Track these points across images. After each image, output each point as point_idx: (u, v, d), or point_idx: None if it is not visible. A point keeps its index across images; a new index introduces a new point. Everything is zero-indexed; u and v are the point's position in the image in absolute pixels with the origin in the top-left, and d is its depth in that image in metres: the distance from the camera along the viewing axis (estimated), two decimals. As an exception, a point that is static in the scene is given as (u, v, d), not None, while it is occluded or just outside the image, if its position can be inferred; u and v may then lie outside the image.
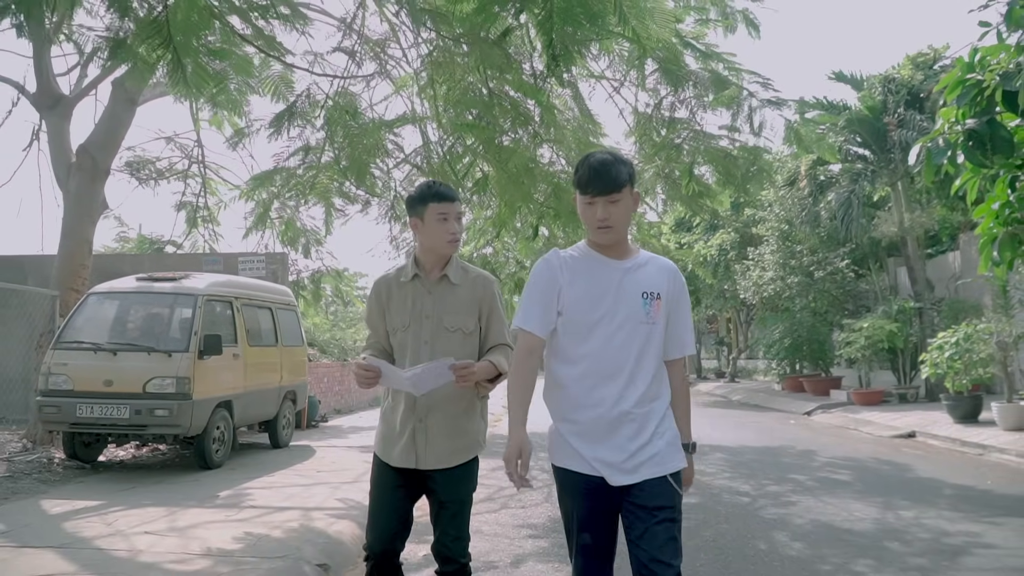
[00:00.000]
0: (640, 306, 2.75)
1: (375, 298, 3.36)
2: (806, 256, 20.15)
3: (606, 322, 2.74)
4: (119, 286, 9.52)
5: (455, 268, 3.30)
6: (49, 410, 8.52)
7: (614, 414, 2.69)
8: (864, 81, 18.57)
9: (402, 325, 3.25)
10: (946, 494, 7.82)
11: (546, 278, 2.80)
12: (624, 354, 2.72)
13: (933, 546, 5.64)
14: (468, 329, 3.25)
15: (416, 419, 3.19)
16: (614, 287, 2.76)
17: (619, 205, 2.72)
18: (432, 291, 3.25)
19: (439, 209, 3.19)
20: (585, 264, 2.80)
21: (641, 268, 2.82)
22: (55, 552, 5.20)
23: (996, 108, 7.52)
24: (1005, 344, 12.35)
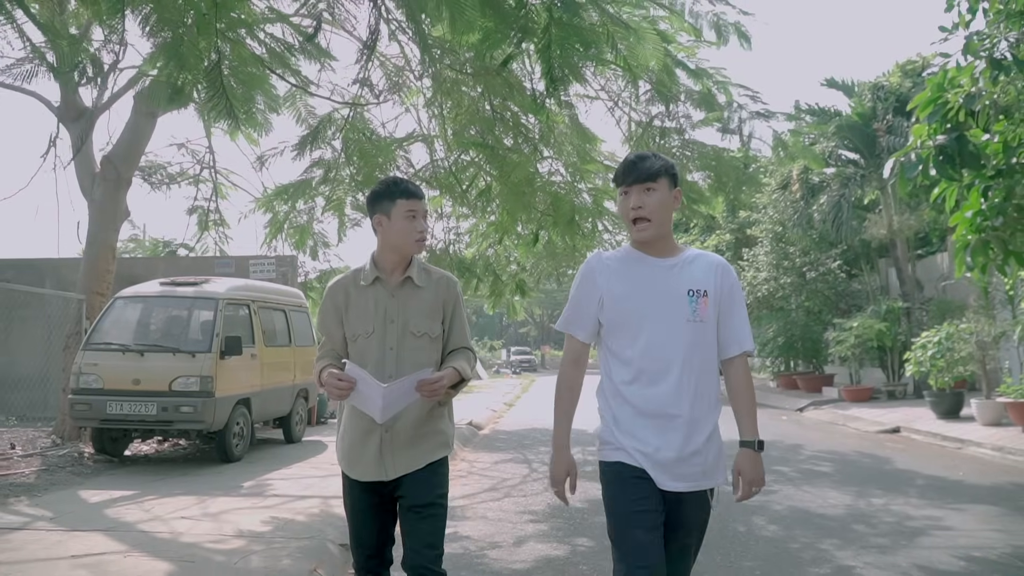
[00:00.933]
0: (686, 304, 2.68)
1: (331, 303, 3.15)
2: (799, 257, 20.75)
3: (651, 322, 2.68)
4: (144, 290, 10.11)
5: (418, 270, 3.14)
6: (81, 407, 9.11)
7: (664, 416, 2.65)
8: (855, 87, 19.16)
9: (364, 331, 3.06)
10: (918, 484, 8.40)
11: (587, 282, 2.79)
12: (671, 354, 2.66)
13: (896, 528, 6.22)
14: (434, 333, 3.10)
15: (383, 429, 3.02)
16: (657, 286, 2.71)
17: (654, 195, 2.69)
18: (395, 294, 3.08)
19: (408, 206, 3.03)
20: (626, 265, 2.77)
21: (687, 265, 2.75)
22: (103, 535, 5.78)
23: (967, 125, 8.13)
24: (984, 343, 12.93)
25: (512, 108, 8.28)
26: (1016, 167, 8.33)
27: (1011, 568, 5.10)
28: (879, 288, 20.64)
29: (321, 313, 3.21)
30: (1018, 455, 10.23)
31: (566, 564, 5.34)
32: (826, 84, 19.57)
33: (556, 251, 12.28)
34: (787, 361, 23.03)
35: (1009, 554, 5.42)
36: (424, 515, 2.98)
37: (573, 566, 5.27)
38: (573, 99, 8.18)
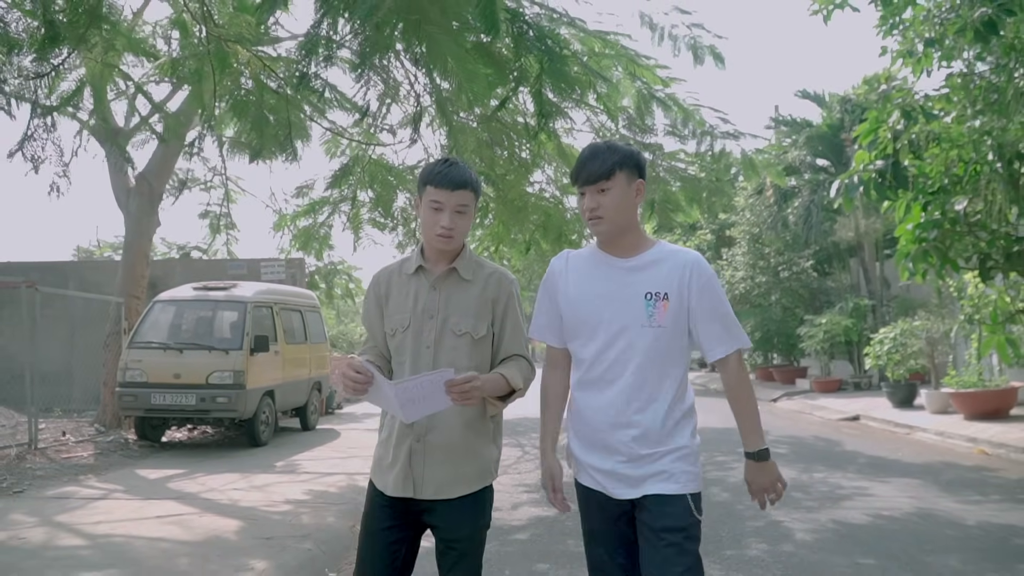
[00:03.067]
0: (642, 308, 2.53)
1: (372, 293, 2.84)
2: (773, 257, 22.09)
3: (605, 326, 2.56)
4: (179, 295, 11.34)
5: (467, 262, 2.76)
6: (128, 398, 10.34)
7: (614, 422, 2.54)
8: (826, 99, 20.47)
9: (401, 325, 2.72)
10: (859, 462, 9.71)
11: (548, 284, 2.70)
12: (625, 360, 2.53)
13: (826, 495, 7.52)
14: (478, 334, 2.70)
15: (414, 438, 2.68)
16: (614, 288, 2.57)
17: (609, 194, 2.53)
18: (438, 287, 2.72)
19: (433, 196, 2.64)
20: (588, 265, 2.65)
21: (649, 266, 2.58)
22: (173, 501, 7.03)
23: (904, 151, 9.39)
24: (933, 339, 14.27)
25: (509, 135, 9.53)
26: (949, 187, 9.64)
27: (907, 522, 6.39)
28: (850, 286, 22.02)
29: (364, 306, 2.89)
30: (956, 439, 11.55)
31: (554, 522, 6.60)
32: (800, 95, 20.90)
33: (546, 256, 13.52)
34: (765, 354, 24.40)
35: (911, 513, 6.71)
36: (458, 552, 2.66)
37: (560, 523, 6.52)
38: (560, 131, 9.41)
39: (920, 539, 5.81)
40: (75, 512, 6.61)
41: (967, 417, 12.63)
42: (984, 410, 12.48)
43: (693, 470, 2.56)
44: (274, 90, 5.97)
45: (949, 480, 8.37)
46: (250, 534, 5.79)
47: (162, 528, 5.98)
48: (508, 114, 9.15)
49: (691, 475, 2.55)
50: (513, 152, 9.40)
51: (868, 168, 9.54)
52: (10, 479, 8.01)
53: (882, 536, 5.93)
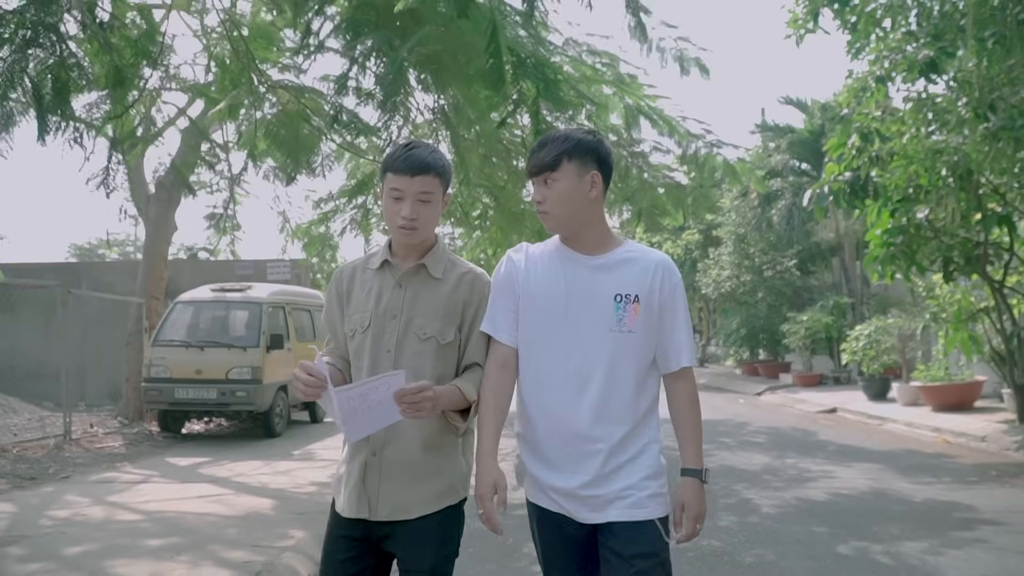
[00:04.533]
0: (611, 310, 2.32)
1: (334, 290, 2.57)
2: (758, 257, 22.98)
3: (568, 329, 2.33)
4: (199, 296, 12.12)
5: (438, 258, 2.50)
6: (153, 393, 11.13)
7: (578, 437, 2.31)
8: (808, 105, 21.35)
9: (361, 325, 2.45)
10: (829, 450, 10.57)
11: (505, 277, 2.43)
12: (590, 368, 2.31)
13: (794, 477, 8.37)
14: (445, 339, 2.44)
15: (369, 451, 2.41)
16: (579, 287, 2.35)
17: (555, 186, 2.32)
18: (404, 284, 2.46)
19: (393, 183, 2.37)
20: (548, 259, 2.41)
21: (619, 265, 2.37)
22: (209, 484, 7.83)
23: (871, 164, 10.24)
24: (904, 336, 15.16)
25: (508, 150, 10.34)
26: (913, 196, 10.51)
27: (862, 499, 7.24)
28: (832, 284, 22.93)
29: (325, 303, 2.62)
30: (922, 429, 12.42)
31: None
32: (783, 102, 21.77)
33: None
34: (751, 350, 25.30)
35: (867, 492, 7.57)
36: None
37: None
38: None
39: (870, 512, 6.66)
40: (123, 494, 7.42)
41: (934, 409, 13.51)
42: (950, 402, 13.35)
43: (662, 492, 2.36)
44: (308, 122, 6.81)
45: (908, 465, 9.22)
46: (285, 510, 6.60)
47: (206, 506, 6.78)
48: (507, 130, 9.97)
49: (661, 498, 2.35)
50: (511, 165, 10.20)
51: (837, 179, 10.41)
52: (54, 467, 8.79)
53: (837, 510, 6.78)
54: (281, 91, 6.66)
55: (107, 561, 5.04)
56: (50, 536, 5.73)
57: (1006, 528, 6.15)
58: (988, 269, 11.49)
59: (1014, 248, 11.25)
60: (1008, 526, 6.21)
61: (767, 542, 5.73)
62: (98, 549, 5.34)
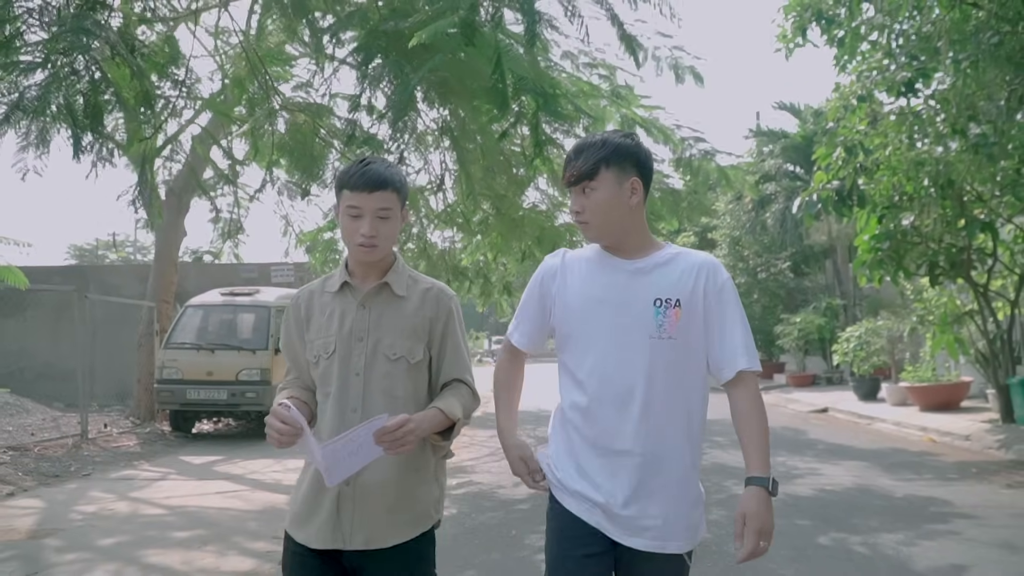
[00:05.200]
0: (651, 316, 2.21)
1: (292, 316, 2.48)
2: (752, 259, 23.40)
3: (606, 337, 2.24)
4: (208, 300, 12.52)
5: (400, 275, 2.44)
6: (165, 394, 11.52)
7: (614, 453, 2.20)
8: (801, 111, 21.77)
9: (325, 351, 2.36)
10: (818, 448, 10.97)
11: (538, 284, 2.39)
12: (629, 378, 2.20)
13: (782, 475, 8.76)
14: (415, 357, 2.38)
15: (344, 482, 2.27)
16: (618, 293, 2.25)
17: (594, 195, 2.24)
18: (367, 305, 2.39)
19: (350, 201, 2.32)
20: (587, 265, 2.33)
21: (658, 268, 2.27)
22: (225, 481, 8.22)
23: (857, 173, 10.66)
24: (894, 338, 15.57)
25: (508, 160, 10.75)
26: (899, 203, 10.93)
27: (845, 495, 7.64)
28: (825, 286, 23.35)
29: (283, 331, 2.52)
30: (909, 428, 12.83)
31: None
32: (777, 107, 22.22)
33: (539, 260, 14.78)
34: (745, 351, 25.72)
35: (850, 488, 7.97)
36: None
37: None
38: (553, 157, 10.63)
39: (851, 507, 7.07)
40: (144, 490, 7.81)
41: (922, 409, 13.92)
42: (937, 402, 13.77)
43: (700, 524, 2.28)
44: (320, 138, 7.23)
45: (893, 463, 9.62)
46: (299, 505, 7.00)
47: (224, 501, 7.17)
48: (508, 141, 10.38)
49: (694, 530, 2.25)
50: (511, 174, 10.59)
51: (825, 187, 10.82)
52: (75, 465, 9.18)
53: (821, 505, 7.18)
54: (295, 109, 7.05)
55: (140, 551, 5.43)
56: (82, 529, 6.12)
57: (978, 521, 6.54)
58: (972, 273, 11.92)
59: (997, 253, 11.68)
60: (981, 519, 6.60)
61: (753, 534, 6.12)
62: (129, 540, 5.74)
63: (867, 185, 10.67)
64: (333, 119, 7.61)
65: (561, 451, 2.31)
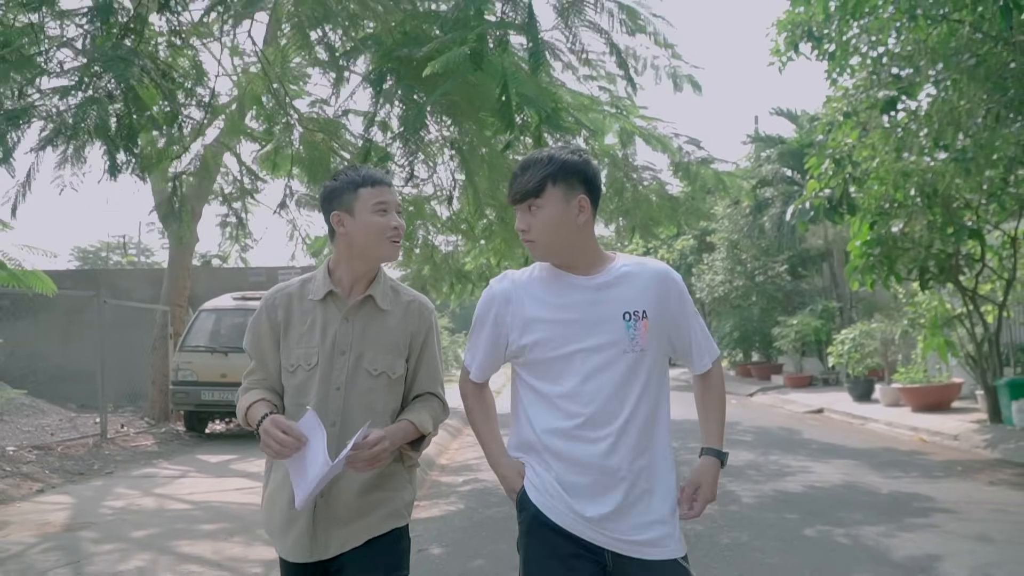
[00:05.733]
0: (623, 331, 2.19)
1: (266, 317, 2.41)
2: (750, 262, 23.82)
3: (581, 356, 2.19)
4: (221, 304, 12.91)
5: (384, 288, 2.41)
6: (180, 395, 11.93)
7: (593, 468, 2.17)
8: (798, 116, 22.16)
9: (306, 362, 2.33)
10: (811, 448, 11.36)
11: (490, 313, 2.30)
12: (608, 395, 2.17)
13: (775, 472, 9.17)
14: (395, 372, 2.38)
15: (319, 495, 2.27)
16: (584, 310, 2.20)
17: (540, 213, 2.19)
18: (351, 317, 2.35)
19: (376, 197, 2.29)
20: (542, 285, 2.27)
21: (620, 282, 2.24)
22: (244, 478, 8.61)
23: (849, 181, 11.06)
24: (887, 340, 15.97)
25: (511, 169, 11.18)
26: (888, 211, 11.34)
27: (833, 491, 8.03)
28: (822, 288, 23.75)
29: (252, 330, 2.46)
30: (901, 428, 13.22)
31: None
32: (774, 112, 22.62)
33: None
34: (744, 352, 26.15)
35: (839, 485, 8.36)
36: None
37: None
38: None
39: (839, 502, 7.46)
40: (167, 487, 8.20)
41: (914, 409, 14.31)
42: (928, 403, 14.16)
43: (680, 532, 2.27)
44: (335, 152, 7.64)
45: (882, 461, 10.01)
46: (316, 501, 7.39)
47: (245, 496, 7.57)
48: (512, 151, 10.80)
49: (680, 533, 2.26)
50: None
51: (818, 195, 11.22)
52: (97, 463, 9.58)
53: (809, 500, 7.58)
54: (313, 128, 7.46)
55: (171, 542, 5.83)
56: (114, 522, 6.52)
57: (958, 516, 6.93)
58: (961, 278, 12.33)
59: (985, 259, 12.08)
60: (960, 514, 6.99)
61: (742, 527, 6.52)
62: (160, 532, 6.14)
63: (858, 193, 11.07)
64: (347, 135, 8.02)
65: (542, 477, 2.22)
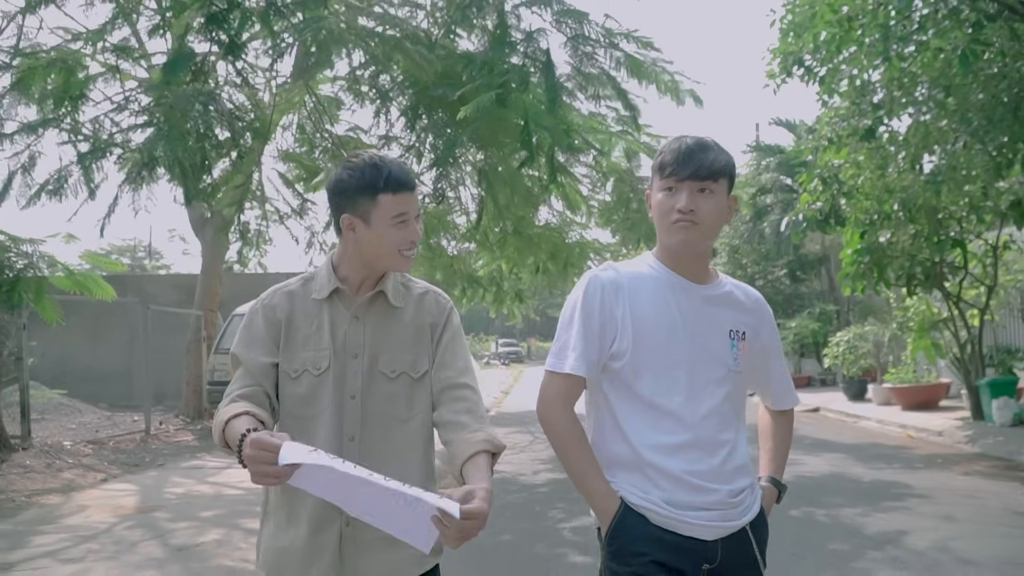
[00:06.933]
0: (727, 348, 2.06)
1: (263, 317, 2.05)
2: (750, 267, 24.67)
3: (690, 369, 2.02)
4: (252, 309, 13.80)
5: (394, 283, 2.09)
6: (216, 394, 12.80)
7: (706, 490, 2.00)
8: (796, 126, 23.00)
9: (315, 366, 2.00)
10: (805, 443, 12.17)
11: (597, 302, 2.03)
12: (717, 415, 2.04)
13: (768, 464, 9.99)
14: (418, 371, 2.05)
15: (343, 519, 1.95)
16: (699, 321, 2.04)
17: (710, 200, 1.98)
18: (362, 316, 2.05)
19: (398, 207, 1.95)
20: (653, 284, 2.05)
21: (726, 298, 2.11)
22: (283, 470, 9.46)
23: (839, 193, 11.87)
24: (879, 342, 16.81)
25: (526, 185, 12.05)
26: (875, 222, 12.17)
27: (820, 480, 8.87)
28: (820, 292, 24.59)
29: (245, 331, 2.07)
30: (891, 425, 14.04)
31: (569, 484, 9.06)
32: (774, 123, 23.48)
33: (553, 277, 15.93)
34: (745, 354, 26.98)
35: (826, 475, 9.20)
36: None
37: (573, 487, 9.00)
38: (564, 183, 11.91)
39: (823, 488, 8.30)
40: (216, 476, 9.07)
41: (904, 408, 15.15)
42: (917, 402, 15.00)
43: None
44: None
45: (869, 455, 10.84)
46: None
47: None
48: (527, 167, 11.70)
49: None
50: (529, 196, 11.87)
51: (810, 208, 12.07)
52: (148, 456, 10.46)
53: (797, 487, 8.39)
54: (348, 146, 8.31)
55: (237, 520, 6.70)
56: (180, 505, 7.39)
57: (930, 500, 7.75)
58: (946, 285, 13.16)
59: (968, 267, 12.92)
60: (932, 499, 7.82)
61: (737, 508, 7.36)
62: (225, 513, 7.00)
63: (847, 206, 11.91)
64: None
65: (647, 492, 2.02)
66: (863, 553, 5.79)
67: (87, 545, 6.01)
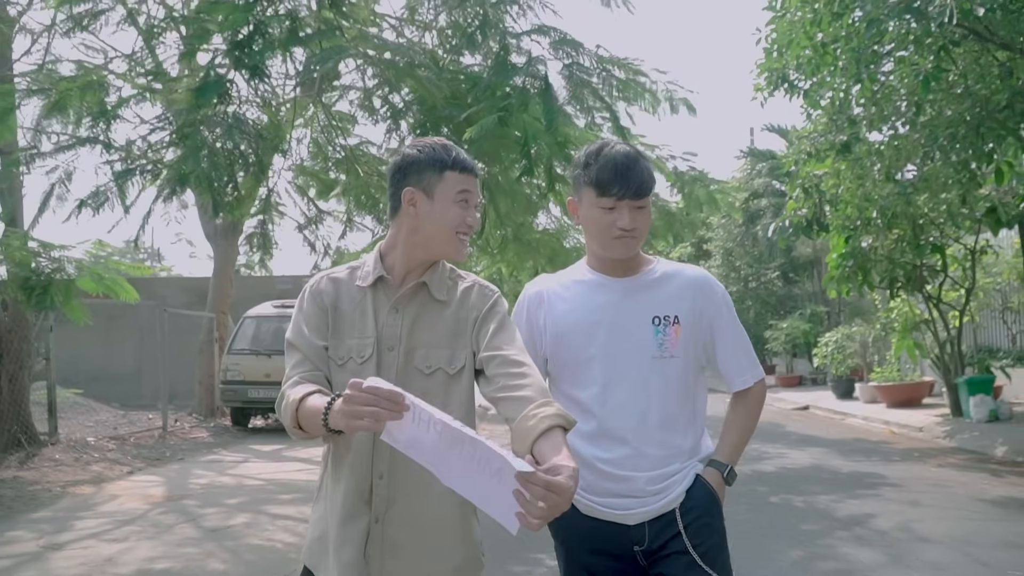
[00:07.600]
0: (651, 335, 2.08)
1: (313, 303, 2.00)
2: (744, 269, 25.31)
3: (601, 361, 2.09)
4: (263, 312, 14.41)
5: (440, 275, 1.99)
6: (228, 393, 13.41)
7: (630, 488, 2.06)
8: (788, 132, 23.60)
9: (359, 354, 1.93)
10: (791, 439, 12.79)
11: (523, 316, 2.22)
12: (633, 404, 2.07)
13: (754, 458, 10.58)
14: (455, 366, 1.94)
15: (372, 515, 1.87)
16: (611, 313, 2.11)
17: (644, 214, 2.09)
18: (402, 308, 1.96)
19: (462, 184, 1.92)
20: (576, 288, 2.18)
21: (654, 285, 2.14)
22: (299, 462, 10.06)
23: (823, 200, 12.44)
24: (865, 343, 17.42)
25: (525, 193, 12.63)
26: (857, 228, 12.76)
27: (802, 471, 9.47)
28: (812, 293, 25.21)
29: (298, 320, 2.02)
30: (875, 422, 14.64)
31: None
32: (767, 129, 24.10)
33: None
34: (739, 354, 27.60)
35: (807, 466, 9.80)
36: None
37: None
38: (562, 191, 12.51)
39: (803, 478, 8.91)
40: (235, 469, 9.67)
41: (889, 405, 15.74)
42: (901, 399, 15.60)
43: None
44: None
45: (851, 449, 11.44)
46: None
47: (307, 475, 9.01)
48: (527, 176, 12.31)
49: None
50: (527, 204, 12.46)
51: (796, 214, 12.67)
52: (168, 451, 11.04)
53: (778, 477, 9.03)
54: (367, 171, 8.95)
55: (262, 506, 7.30)
56: (206, 494, 7.98)
57: (902, 489, 8.35)
58: (927, 287, 13.77)
59: (947, 270, 13.54)
60: (904, 488, 8.41)
61: (721, 496, 7.97)
62: (249, 500, 7.60)
63: (831, 213, 12.51)
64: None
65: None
66: (832, 533, 6.39)
67: (127, 528, 6.61)
